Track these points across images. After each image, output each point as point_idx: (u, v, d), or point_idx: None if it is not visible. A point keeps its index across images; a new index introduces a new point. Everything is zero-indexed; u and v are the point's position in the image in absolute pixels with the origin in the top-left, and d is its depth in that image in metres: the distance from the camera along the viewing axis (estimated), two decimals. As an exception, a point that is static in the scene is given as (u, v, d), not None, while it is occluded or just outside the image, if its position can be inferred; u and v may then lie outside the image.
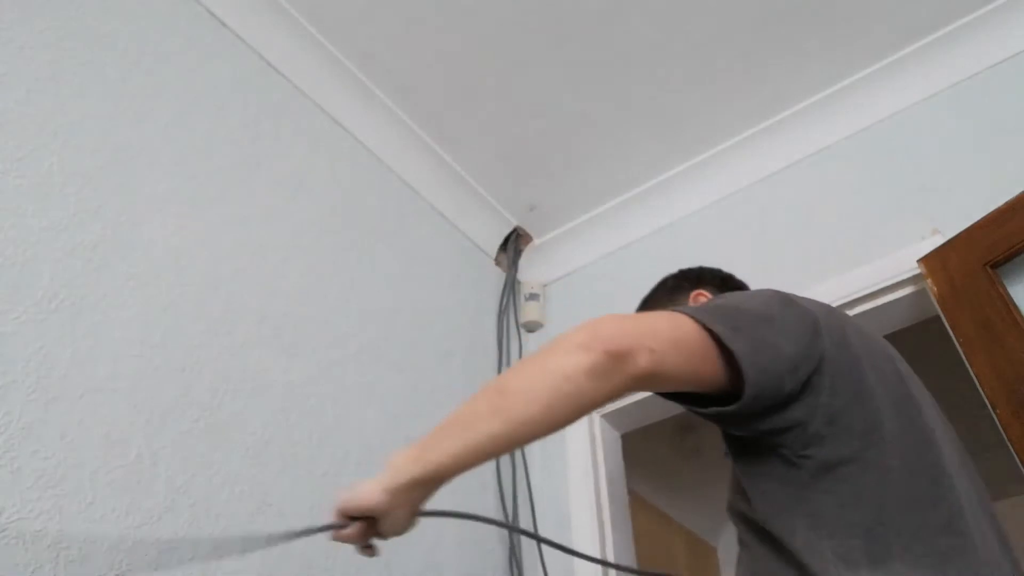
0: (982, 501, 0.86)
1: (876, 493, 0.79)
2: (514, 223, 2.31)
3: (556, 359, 0.76)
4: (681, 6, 1.76)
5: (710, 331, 0.80)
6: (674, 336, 0.79)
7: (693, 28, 1.81)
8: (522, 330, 2.22)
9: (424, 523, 1.64)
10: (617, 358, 0.75)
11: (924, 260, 1.56)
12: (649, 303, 1.27)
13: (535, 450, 1.99)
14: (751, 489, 0.86)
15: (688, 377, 0.80)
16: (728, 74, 1.92)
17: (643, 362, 0.76)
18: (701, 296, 1.21)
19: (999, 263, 1.43)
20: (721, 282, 1.26)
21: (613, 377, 0.75)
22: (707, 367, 0.80)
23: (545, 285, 2.31)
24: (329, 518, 1.42)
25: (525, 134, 2.05)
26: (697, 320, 0.80)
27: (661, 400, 1.95)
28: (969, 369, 1.41)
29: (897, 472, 0.80)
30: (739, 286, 1.26)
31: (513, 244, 2.33)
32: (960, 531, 0.77)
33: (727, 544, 3.52)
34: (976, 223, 1.48)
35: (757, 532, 0.86)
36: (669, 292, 1.26)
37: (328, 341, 1.57)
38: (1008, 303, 1.38)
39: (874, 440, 0.81)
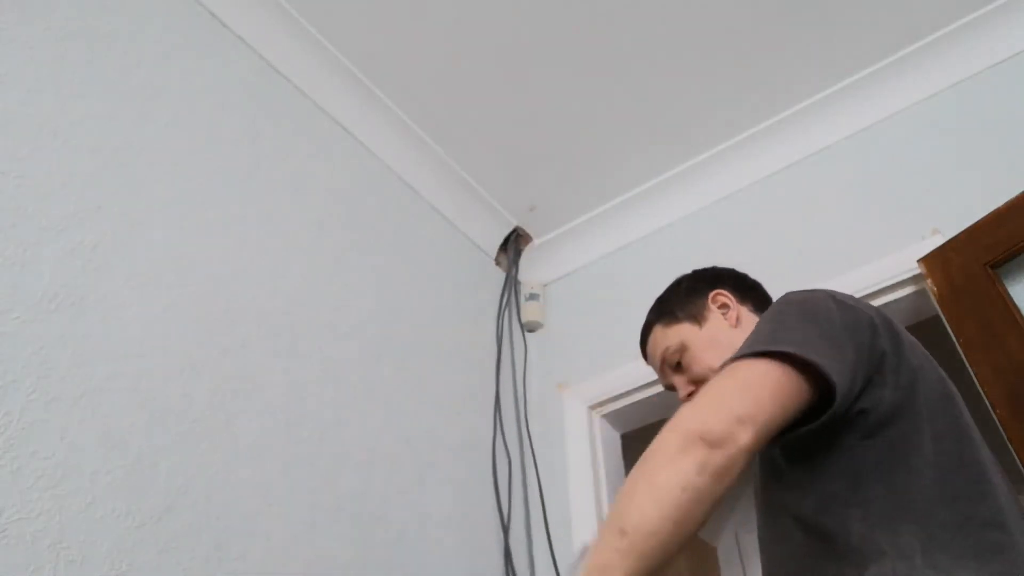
0: (1016, 500, 0.88)
1: (927, 485, 0.81)
2: (514, 223, 2.31)
3: (663, 475, 0.76)
4: (681, 7, 1.76)
5: (804, 361, 0.81)
6: (769, 392, 0.80)
7: (693, 28, 1.81)
8: (522, 330, 2.22)
9: (423, 528, 1.64)
10: (720, 444, 0.76)
11: (924, 260, 1.56)
12: (665, 304, 1.27)
13: (535, 450, 1.99)
14: (806, 480, 0.88)
15: (784, 420, 0.82)
16: (728, 74, 1.92)
17: (746, 437, 0.77)
18: (720, 295, 1.22)
19: (999, 263, 1.43)
20: (736, 281, 1.26)
21: (727, 463, 0.76)
22: (796, 401, 0.81)
23: (545, 285, 2.31)
24: (327, 521, 1.42)
25: (525, 134, 2.05)
26: (785, 357, 0.82)
27: (661, 399, 1.96)
28: (969, 369, 1.40)
29: (945, 467, 0.82)
30: (753, 285, 1.27)
31: (513, 244, 2.33)
32: (1004, 527, 0.79)
33: (727, 544, 3.52)
34: (976, 223, 1.48)
35: (801, 525, 0.87)
36: (686, 293, 1.26)
37: (328, 341, 1.57)
38: (1008, 303, 1.38)
39: (925, 434, 0.84)
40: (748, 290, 1.25)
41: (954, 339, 1.45)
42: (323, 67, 1.83)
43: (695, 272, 1.30)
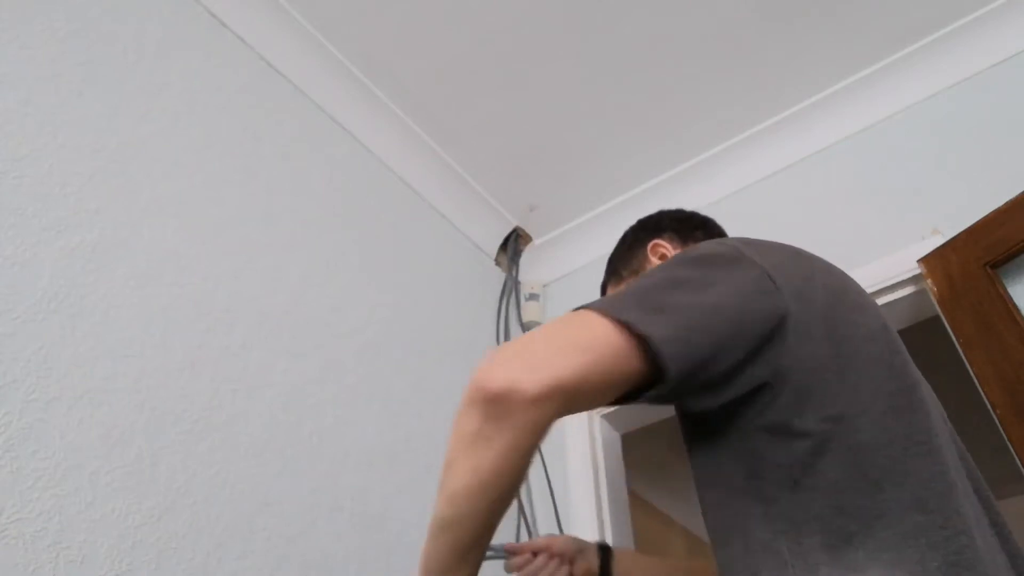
0: (977, 487, 0.78)
1: (840, 470, 0.70)
2: (514, 223, 2.31)
3: (459, 424, 0.71)
4: (680, 7, 1.76)
5: (622, 321, 0.70)
6: (569, 343, 0.70)
7: (693, 29, 1.81)
8: (522, 330, 2.22)
9: (423, 528, 1.64)
10: (499, 400, 0.68)
11: (924, 260, 1.56)
12: (611, 262, 1.21)
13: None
14: (711, 464, 0.78)
15: (602, 381, 0.70)
16: (728, 74, 1.92)
17: (530, 390, 0.67)
18: (660, 247, 1.13)
19: (999, 263, 1.43)
20: (679, 224, 1.16)
21: (512, 419, 0.68)
22: (623, 363, 0.70)
23: (545, 285, 2.31)
24: (327, 521, 1.42)
25: (525, 134, 2.05)
26: (606, 313, 0.71)
27: (661, 400, 1.95)
28: (969, 369, 1.41)
29: (869, 446, 0.71)
30: (701, 224, 1.17)
31: (513, 244, 2.33)
32: (926, 508, 0.69)
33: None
34: (976, 223, 1.48)
35: (710, 511, 0.79)
36: (628, 248, 1.18)
37: (328, 341, 1.57)
38: (1008, 303, 1.38)
39: (849, 410, 0.72)
40: (693, 230, 1.16)
41: (954, 339, 1.45)
42: (323, 67, 1.83)
43: (639, 222, 1.21)
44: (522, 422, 0.68)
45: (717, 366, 0.72)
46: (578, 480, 1.88)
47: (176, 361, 1.26)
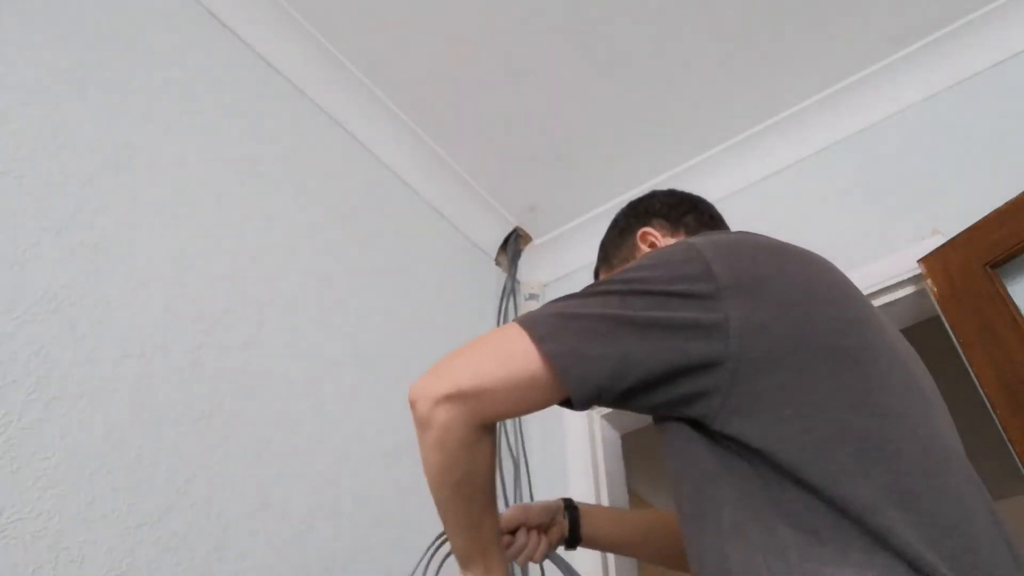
0: (937, 464, 0.72)
1: (807, 462, 0.68)
2: (514, 223, 2.31)
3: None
4: (681, 7, 1.76)
5: (535, 338, 0.76)
6: (484, 353, 0.79)
7: (693, 29, 1.81)
8: (522, 330, 2.21)
9: (423, 528, 1.63)
10: (413, 406, 0.79)
11: (924, 260, 1.56)
12: (602, 248, 1.20)
13: (535, 450, 1.99)
14: (682, 454, 0.78)
15: (508, 387, 0.77)
16: (728, 75, 1.92)
17: (432, 394, 0.77)
18: (649, 235, 1.10)
19: (999, 263, 1.43)
20: (670, 209, 1.13)
21: (425, 421, 0.79)
22: (534, 376, 0.76)
23: (545, 285, 2.31)
24: (327, 521, 1.42)
25: (525, 134, 2.05)
26: (529, 329, 0.76)
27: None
28: (969, 369, 1.41)
29: (823, 445, 0.69)
30: (691, 207, 1.13)
31: (513, 244, 2.33)
32: (902, 505, 0.66)
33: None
34: (976, 223, 1.48)
35: (686, 497, 0.78)
36: (619, 234, 1.16)
37: (328, 341, 1.57)
38: (1008, 303, 1.38)
39: (803, 410, 0.70)
40: (683, 215, 1.12)
41: (954, 339, 1.45)
42: (323, 67, 1.83)
43: (630, 205, 1.19)
44: (432, 422, 0.78)
45: (629, 384, 0.75)
46: (578, 480, 1.88)
47: (176, 361, 1.26)
